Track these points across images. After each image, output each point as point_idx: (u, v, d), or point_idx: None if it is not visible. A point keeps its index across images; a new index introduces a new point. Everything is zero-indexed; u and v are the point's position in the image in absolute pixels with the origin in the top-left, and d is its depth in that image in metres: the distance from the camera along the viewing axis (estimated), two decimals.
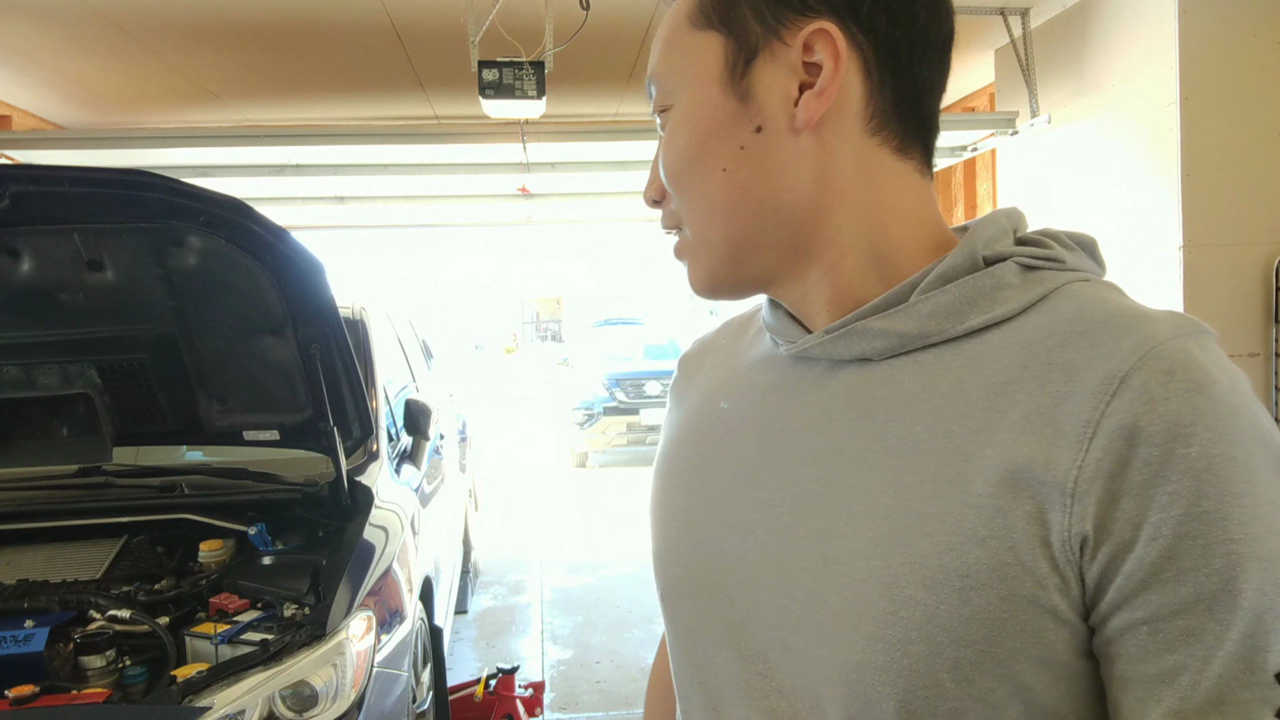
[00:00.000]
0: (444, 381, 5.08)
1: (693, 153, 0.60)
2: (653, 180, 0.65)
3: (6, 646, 1.83)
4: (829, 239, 0.59)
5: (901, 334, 0.56)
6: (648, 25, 3.99)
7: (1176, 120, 3.46)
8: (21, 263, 2.07)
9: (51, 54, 4.06)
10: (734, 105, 0.58)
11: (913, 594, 0.50)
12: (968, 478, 0.51)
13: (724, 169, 0.59)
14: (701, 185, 0.60)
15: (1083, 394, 0.49)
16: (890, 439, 0.54)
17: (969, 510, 0.50)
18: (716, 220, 0.60)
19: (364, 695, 1.94)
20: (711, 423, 0.68)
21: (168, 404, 2.36)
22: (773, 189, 0.58)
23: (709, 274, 0.63)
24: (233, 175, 5.02)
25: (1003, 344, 0.53)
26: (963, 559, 0.49)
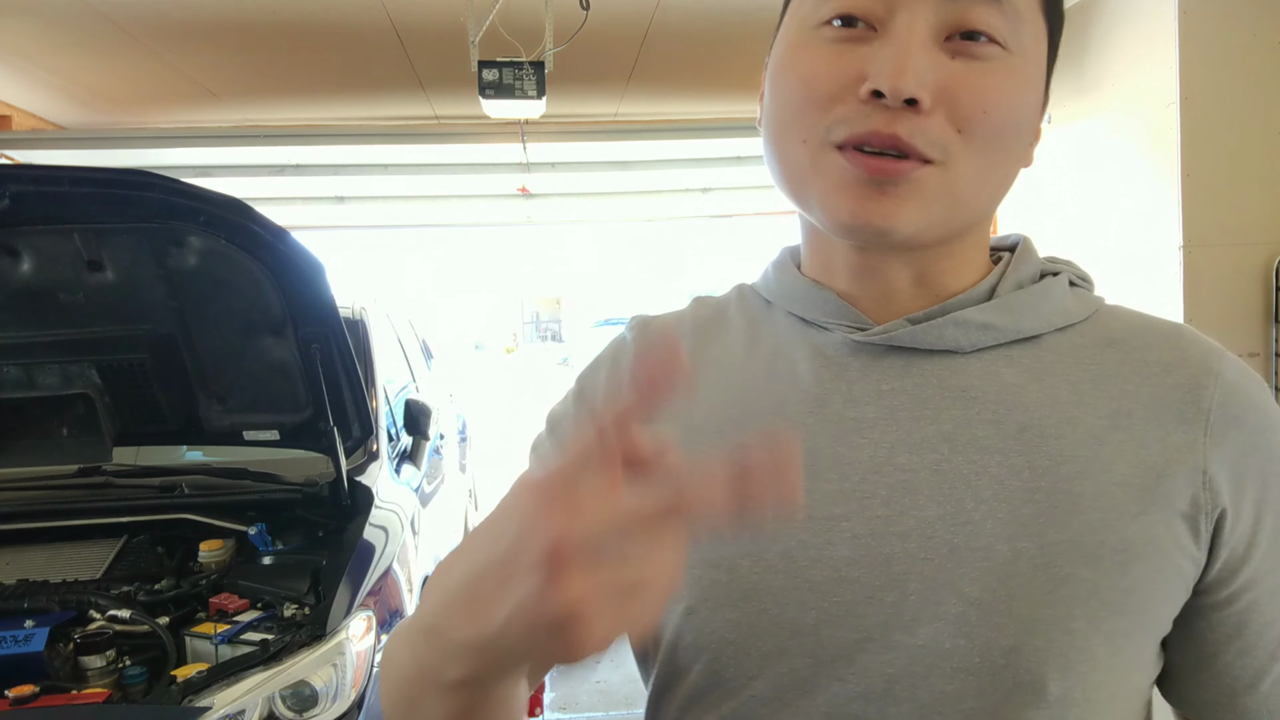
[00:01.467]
0: (444, 381, 5.08)
1: (1022, 114, 0.55)
2: (927, 75, 0.51)
3: (6, 646, 1.83)
4: (973, 238, 0.60)
5: (999, 327, 0.57)
6: (648, 25, 3.99)
7: (1176, 120, 3.46)
8: (21, 263, 2.07)
9: (51, 54, 4.06)
10: (1044, 102, 0.58)
11: (1073, 571, 0.51)
12: (1107, 460, 0.53)
13: (1022, 147, 0.57)
14: (1005, 148, 0.55)
15: (1189, 386, 0.55)
16: (1008, 425, 0.55)
17: (1118, 489, 0.53)
18: (989, 190, 0.56)
19: (364, 695, 1.94)
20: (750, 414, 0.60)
21: (168, 404, 2.36)
22: (1009, 185, 0.58)
23: (935, 220, 0.53)
24: (233, 175, 5.02)
25: (1087, 344, 0.58)
26: (1121, 534, 0.52)
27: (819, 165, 0.54)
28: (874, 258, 0.58)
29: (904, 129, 0.51)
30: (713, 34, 4.20)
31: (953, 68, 0.52)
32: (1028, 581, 0.51)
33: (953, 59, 0.52)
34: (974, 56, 0.52)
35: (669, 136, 4.94)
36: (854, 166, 0.52)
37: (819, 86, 0.53)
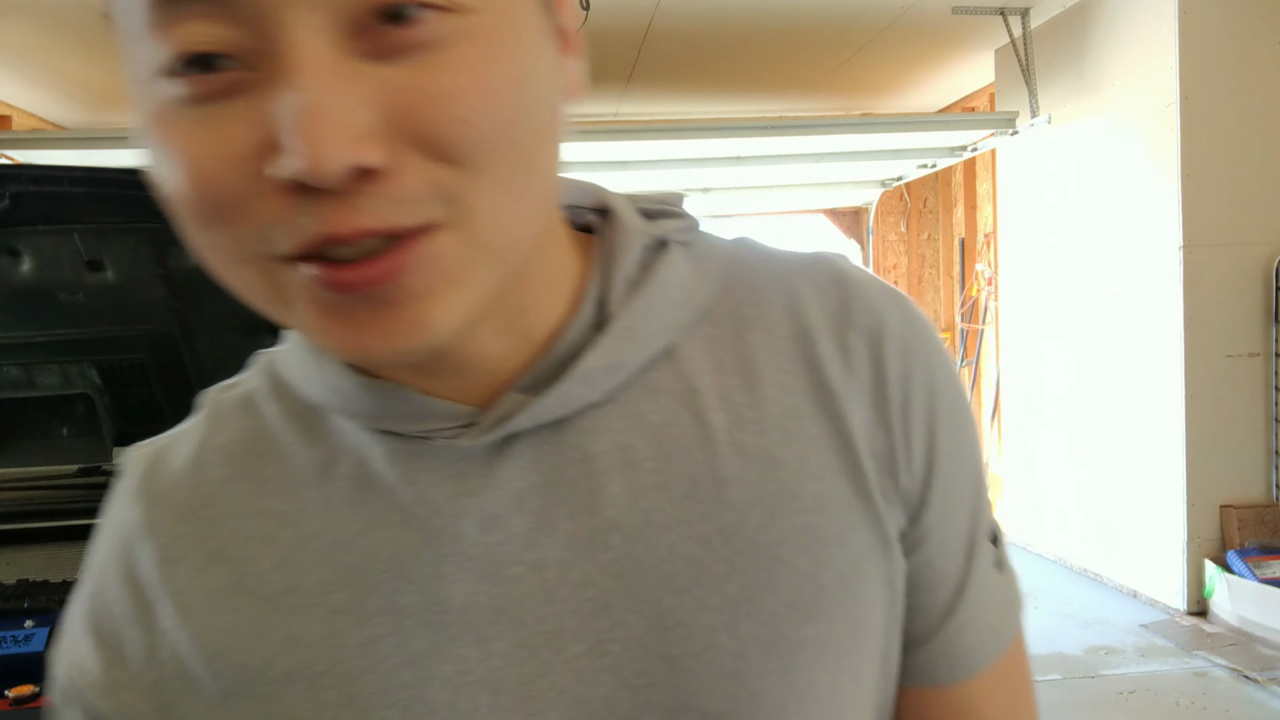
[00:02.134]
0: None
1: (529, 94, 0.35)
2: (358, 121, 0.31)
3: (6, 646, 1.83)
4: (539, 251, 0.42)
5: (627, 362, 0.44)
6: (648, 25, 4.00)
7: (1176, 120, 3.47)
8: (21, 263, 2.07)
9: (51, 54, 4.07)
10: (552, 47, 0.38)
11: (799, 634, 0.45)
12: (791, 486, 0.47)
13: (550, 132, 0.37)
14: (528, 148, 0.35)
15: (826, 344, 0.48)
16: (676, 484, 0.43)
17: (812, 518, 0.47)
18: (531, 206, 0.37)
19: None
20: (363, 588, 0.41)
21: (168, 404, 2.37)
22: (557, 171, 0.39)
23: (480, 301, 0.36)
24: None
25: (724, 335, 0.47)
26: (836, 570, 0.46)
27: (274, 285, 0.35)
28: None
29: (369, 215, 0.32)
30: (712, 34, 4.20)
31: (388, 78, 0.32)
32: (760, 664, 0.41)
33: (379, 64, 0.32)
34: (412, 47, 0.32)
35: (669, 136, 4.95)
36: (327, 289, 0.33)
37: (219, 188, 0.33)
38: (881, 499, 0.44)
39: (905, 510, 0.45)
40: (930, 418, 0.45)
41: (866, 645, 0.44)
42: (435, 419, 0.41)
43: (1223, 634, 3.39)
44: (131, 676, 0.42)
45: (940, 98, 5.86)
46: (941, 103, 5.99)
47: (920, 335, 0.46)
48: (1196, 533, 3.55)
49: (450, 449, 0.42)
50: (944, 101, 5.95)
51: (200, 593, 0.42)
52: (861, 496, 0.44)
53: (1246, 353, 3.56)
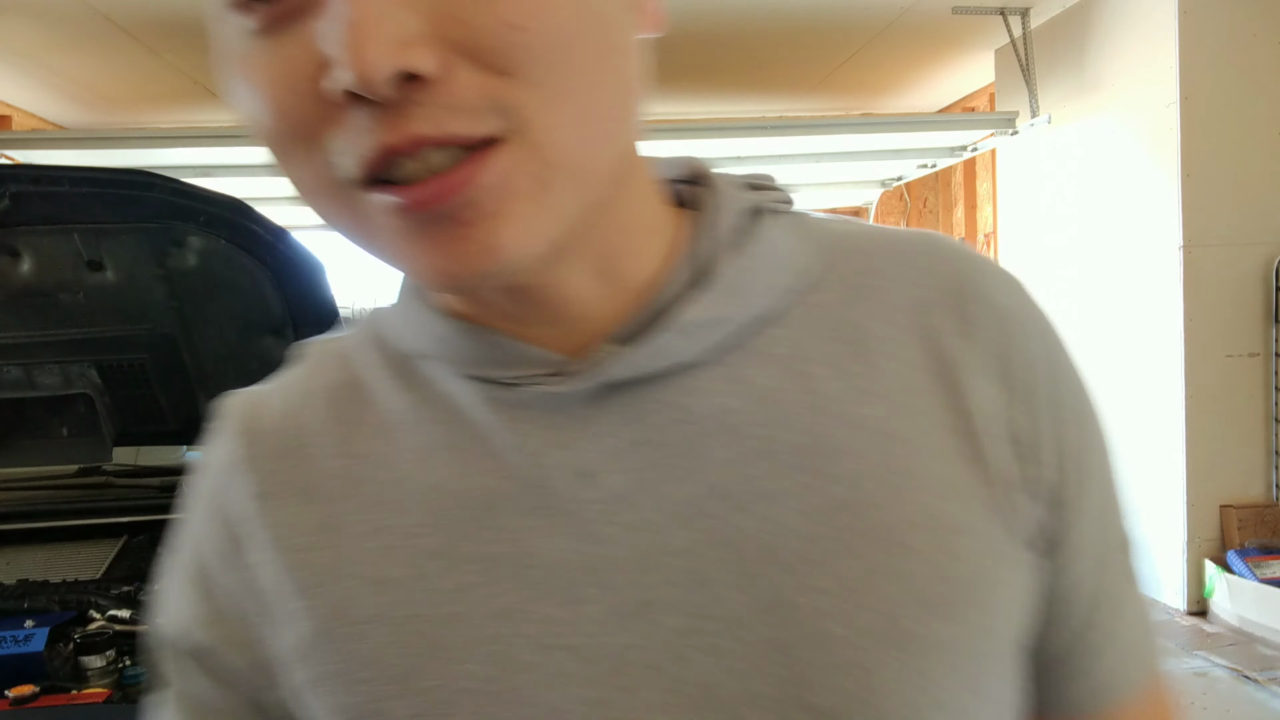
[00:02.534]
0: None
1: (584, 7, 0.33)
2: (404, 25, 0.30)
3: (6, 646, 1.83)
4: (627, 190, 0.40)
5: (729, 318, 0.42)
6: None
7: (1176, 120, 3.47)
8: (21, 263, 2.07)
9: (51, 54, 4.07)
10: None
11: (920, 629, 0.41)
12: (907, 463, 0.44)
13: (615, 47, 0.35)
14: (594, 59, 0.33)
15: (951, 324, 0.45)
16: (783, 451, 0.41)
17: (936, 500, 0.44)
18: (604, 128, 0.35)
19: None
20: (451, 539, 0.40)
21: (168, 404, 2.37)
22: (638, 97, 0.37)
23: (563, 223, 0.35)
24: (233, 175, 5.03)
25: (835, 303, 0.44)
26: (957, 558, 0.43)
27: (360, 218, 0.35)
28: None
29: (426, 120, 0.31)
30: (712, 34, 4.20)
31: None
32: (879, 660, 0.37)
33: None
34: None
35: (669, 136, 4.95)
36: (403, 214, 0.33)
37: (288, 114, 0.33)
38: (1008, 487, 0.40)
39: (1035, 504, 0.41)
40: (1056, 403, 0.42)
41: (993, 655, 0.39)
42: (529, 365, 0.40)
43: (1223, 634, 3.39)
44: (223, 609, 0.43)
45: (940, 98, 5.86)
46: (941, 103, 5.99)
47: (1042, 318, 0.44)
48: (1196, 533, 3.55)
49: (545, 398, 0.40)
50: (944, 101, 5.95)
51: (292, 529, 0.42)
52: (985, 482, 0.40)
53: (1246, 353, 3.55)
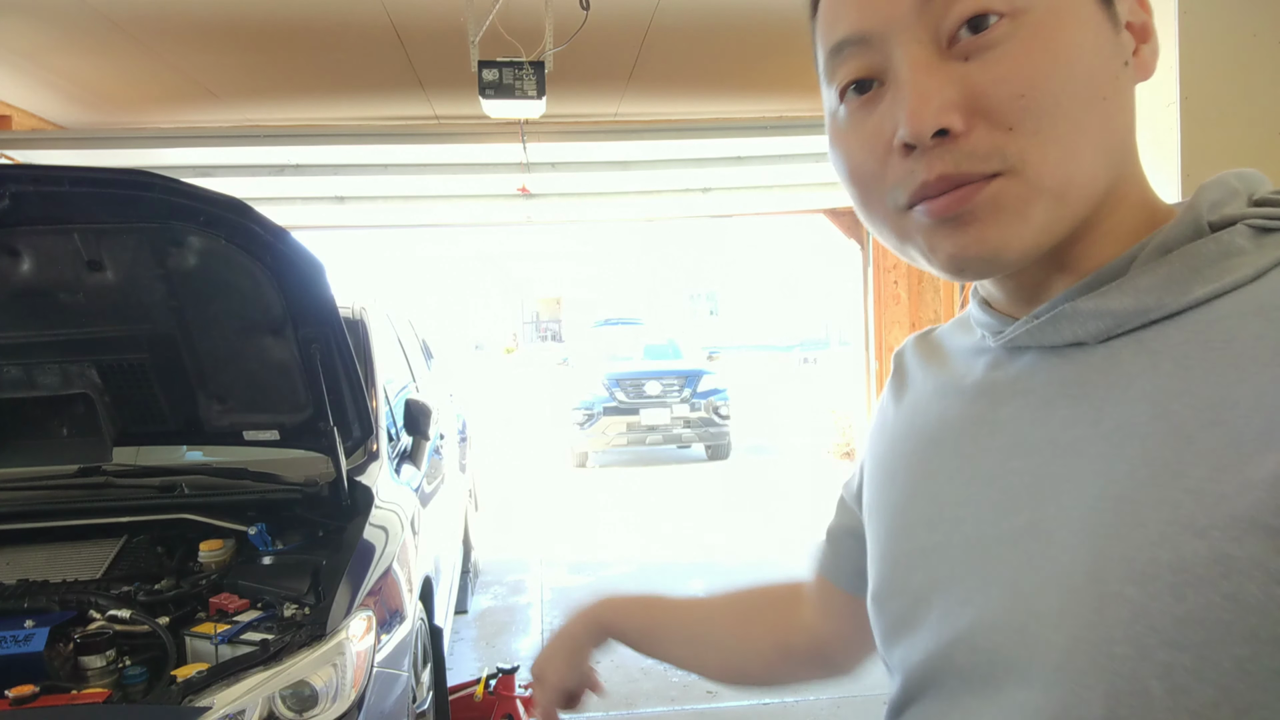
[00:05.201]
0: (444, 381, 5.08)
1: (1077, 68, 0.48)
2: (946, 104, 0.48)
3: (6, 646, 1.83)
4: (1119, 204, 0.53)
5: (1116, 312, 0.50)
6: (648, 25, 3.99)
7: (1176, 120, 3.46)
8: (21, 263, 2.07)
9: (51, 54, 4.06)
10: (1109, 29, 0.50)
11: (1120, 589, 0.45)
12: (1187, 461, 0.45)
13: (1105, 97, 0.49)
14: (1079, 112, 0.48)
15: None
16: (1106, 424, 0.49)
17: (1186, 496, 0.44)
18: (1088, 161, 0.49)
19: (364, 695, 1.94)
20: (925, 420, 0.63)
21: (168, 404, 2.36)
22: (1129, 138, 0.51)
23: (1037, 231, 0.50)
24: (233, 175, 5.02)
25: (1233, 312, 0.47)
26: (1178, 551, 0.44)
27: (905, 230, 0.53)
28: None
29: (948, 164, 0.49)
30: (713, 34, 4.20)
31: (968, 72, 0.48)
32: (1079, 599, 0.47)
33: (967, 61, 0.49)
34: (984, 47, 0.48)
35: (669, 136, 4.94)
36: (929, 216, 0.50)
37: (865, 169, 0.53)
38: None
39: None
40: None
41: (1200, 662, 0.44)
42: (988, 323, 0.59)
43: None
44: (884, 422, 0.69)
45: None
46: None
47: None
48: None
49: (992, 348, 0.59)
50: None
51: (907, 376, 0.69)
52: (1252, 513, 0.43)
53: None
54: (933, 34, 0.49)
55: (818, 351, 22.10)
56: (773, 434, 11.03)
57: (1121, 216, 0.53)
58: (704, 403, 9.20)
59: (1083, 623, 0.47)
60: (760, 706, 3.50)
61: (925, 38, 0.49)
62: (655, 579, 5.20)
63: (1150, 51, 0.53)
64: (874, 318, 6.95)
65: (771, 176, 5.71)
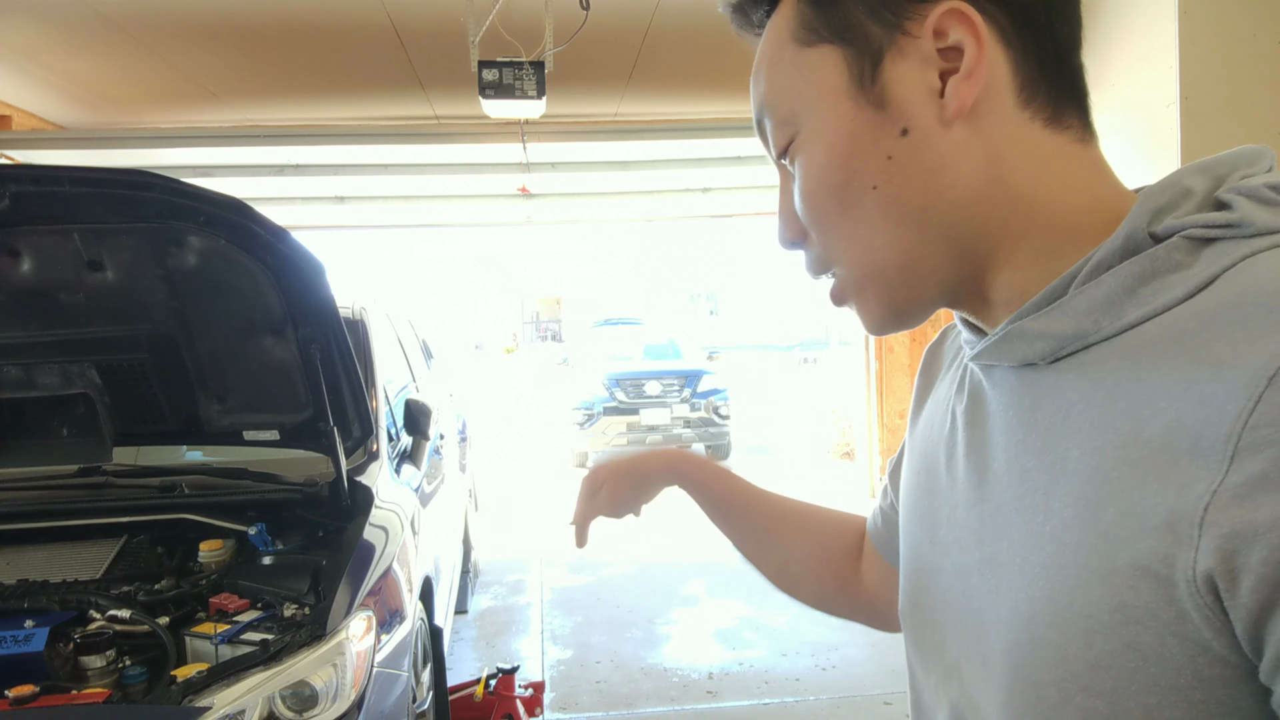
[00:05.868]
0: (444, 381, 5.08)
1: (835, 179, 0.54)
2: (788, 221, 0.59)
3: (6, 646, 1.83)
4: (999, 234, 0.52)
5: (1058, 335, 0.49)
6: (648, 25, 3.99)
7: (1176, 120, 3.46)
8: (21, 263, 2.07)
9: (51, 54, 4.06)
10: (870, 114, 0.52)
11: (1044, 633, 0.46)
12: (1103, 502, 0.44)
13: (874, 186, 0.53)
14: (852, 212, 0.54)
15: (1225, 399, 0.40)
16: (1049, 455, 0.49)
17: (1098, 540, 0.44)
18: (879, 245, 0.54)
19: (364, 695, 1.94)
20: (928, 433, 0.65)
21: (168, 404, 2.36)
22: (934, 192, 0.52)
23: (887, 308, 0.56)
24: (233, 175, 5.02)
25: (1160, 337, 0.45)
26: (1087, 597, 0.44)
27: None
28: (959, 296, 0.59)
29: (807, 264, 0.60)
30: (713, 34, 4.19)
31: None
32: (1018, 638, 0.49)
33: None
34: (793, 174, 0.58)
35: (669, 136, 4.94)
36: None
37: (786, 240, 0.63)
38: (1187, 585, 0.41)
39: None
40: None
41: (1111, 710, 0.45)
42: (968, 341, 0.59)
43: None
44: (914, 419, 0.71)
45: None
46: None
47: None
48: None
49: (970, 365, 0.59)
50: None
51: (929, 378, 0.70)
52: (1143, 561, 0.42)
53: None
54: (778, 165, 0.60)
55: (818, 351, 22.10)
56: (773, 434, 11.03)
57: (1036, 242, 0.52)
58: (704, 403, 9.20)
59: (1020, 663, 0.48)
60: (760, 706, 3.50)
61: (776, 168, 0.60)
62: (656, 579, 5.20)
63: (962, 80, 0.50)
64: None
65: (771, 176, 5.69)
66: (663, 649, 4.14)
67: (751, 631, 4.28)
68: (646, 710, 3.49)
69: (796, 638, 4.14)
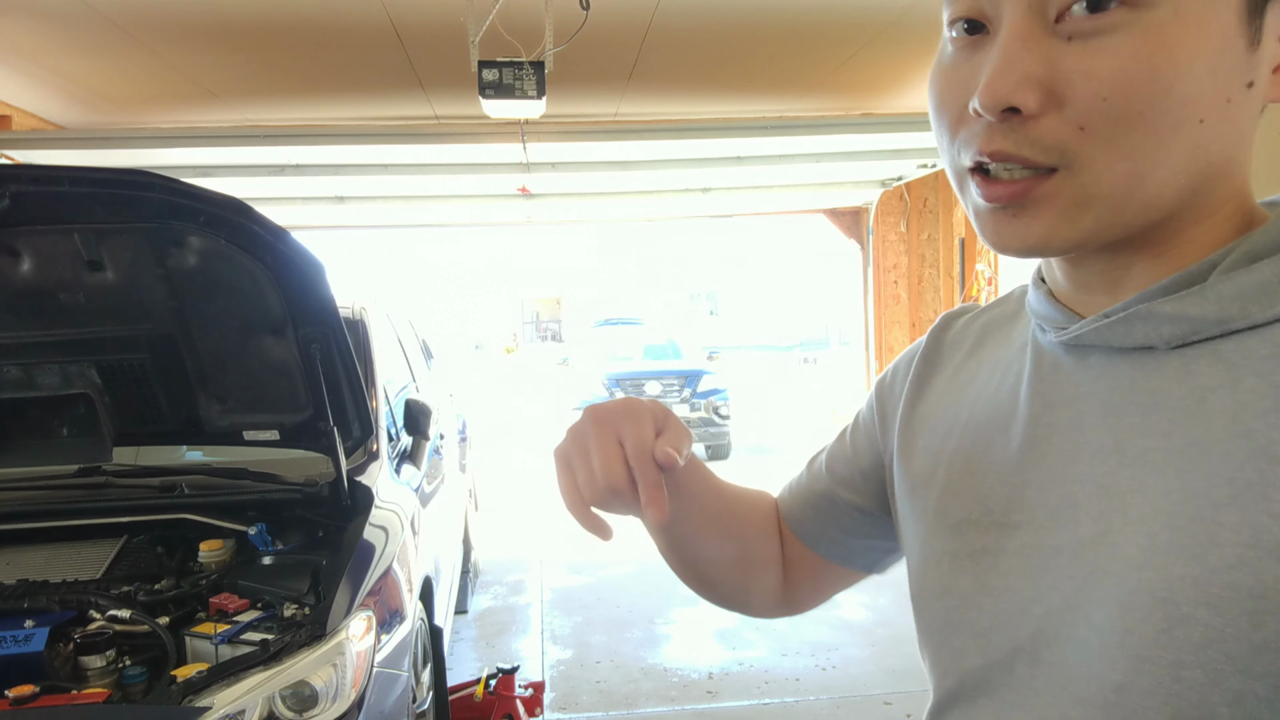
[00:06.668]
0: (444, 381, 5.08)
1: (1178, 86, 0.45)
2: (1027, 80, 0.47)
3: (6, 646, 1.83)
4: (1207, 216, 0.51)
5: (1195, 319, 0.49)
6: (648, 25, 3.99)
7: None
8: (21, 263, 2.07)
9: (51, 54, 4.06)
10: (1241, 46, 0.47)
11: (1191, 611, 0.45)
12: (1272, 484, 0.44)
13: (1202, 120, 0.47)
14: (1165, 131, 0.46)
15: None
16: (1179, 438, 0.48)
17: (1271, 521, 0.43)
18: (1157, 177, 0.47)
19: (364, 695, 1.94)
20: (969, 415, 0.62)
21: (168, 404, 2.36)
22: (1226, 161, 0.49)
23: (1078, 232, 0.49)
24: (233, 175, 5.03)
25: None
26: (1259, 576, 0.43)
27: (964, 189, 0.53)
28: (1069, 255, 0.54)
29: (1010, 142, 0.48)
30: (713, 34, 4.20)
31: (1063, 54, 0.46)
32: (1145, 616, 0.46)
33: (1069, 41, 0.46)
34: (1091, 33, 0.46)
35: (669, 136, 4.95)
36: (982, 197, 0.50)
37: (945, 111, 0.52)
38: None
39: None
40: None
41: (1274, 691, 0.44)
42: (1051, 316, 0.56)
43: None
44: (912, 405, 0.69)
45: None
46: None
47: None
48: None
49: (1052, 344, 0.57)
50: None
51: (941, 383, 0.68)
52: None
53: None
54: (1045, 2, 0.47)
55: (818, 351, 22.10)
56: (773, 434, 11.03)
57: (1213, 223, 0.51)
58: (704, 403, 9.20)
59: (1149, 642, 0.46)
60: (760, 706, 3.50)
61: (1036, 5, 0.47)
62: (656, 579, 5.21)
63: (1260, 85, 0.48)
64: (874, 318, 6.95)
65: (771, 176, 5.71)
66: (663, 649, 4.14)
67: (751, 631, 4.27)
68: (646, 710, 3.49)
69: (796, 638, 4.14)
